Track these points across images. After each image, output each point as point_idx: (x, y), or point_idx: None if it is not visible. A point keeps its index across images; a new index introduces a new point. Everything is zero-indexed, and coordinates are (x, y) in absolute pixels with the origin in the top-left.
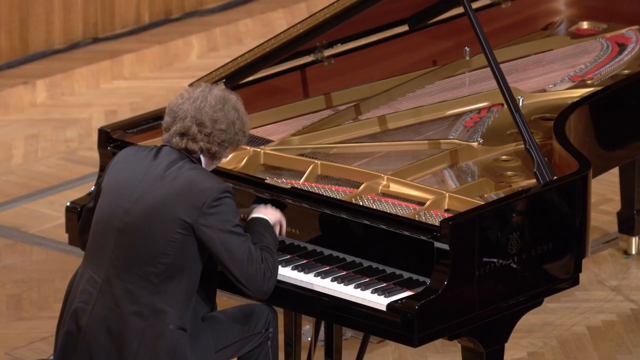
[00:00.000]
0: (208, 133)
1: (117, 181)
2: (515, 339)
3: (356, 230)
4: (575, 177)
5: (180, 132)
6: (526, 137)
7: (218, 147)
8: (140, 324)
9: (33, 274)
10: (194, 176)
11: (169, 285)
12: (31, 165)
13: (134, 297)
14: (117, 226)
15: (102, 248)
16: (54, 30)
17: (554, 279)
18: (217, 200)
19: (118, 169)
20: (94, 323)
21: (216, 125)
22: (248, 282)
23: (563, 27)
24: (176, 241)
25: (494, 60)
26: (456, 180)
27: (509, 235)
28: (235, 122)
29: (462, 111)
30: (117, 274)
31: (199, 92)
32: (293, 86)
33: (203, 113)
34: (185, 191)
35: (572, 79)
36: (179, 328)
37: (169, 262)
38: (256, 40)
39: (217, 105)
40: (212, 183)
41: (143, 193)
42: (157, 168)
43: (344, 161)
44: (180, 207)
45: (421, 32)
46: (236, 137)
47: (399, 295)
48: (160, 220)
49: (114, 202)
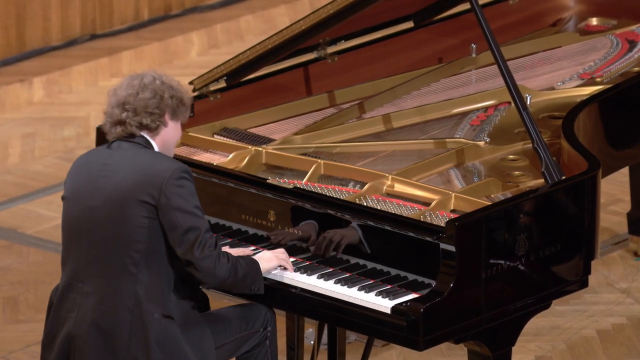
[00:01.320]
0: (132, 108)
1: (76, 185)
2: (523, 343)
3: (360, 232)
4: (584, 177)
5: (112, 124)
6: (534, 136)
7: (150, 116)
8: (126, 316)
9: (30, 275)
10: (150, 159)
11: (148, 273)
12: (28, 164)
13: (116, 291)
14: (86, 226)
15: (77, 251)
16: (51, 26)
17: (562, 281)
18: (177, 179)
19: (74, 175)
20: (83, 326)
21: (137, 96)
22: (201, 265)
23: (572, 23)
24: (145, 226)
25: (501, 57)
26: (462, 180)
27: (517, 237)
28: (159, 87)
29: (468, 109)
30: (97, 272)
31: (120, 83)
32: (296, 84)
33: (120, 94)
34: (143, 174)
35: (581, 76)
36: (165, 316)
37: (143, 249)
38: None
39: (134, 81)
40: (169, 163)
41: (103, 186)
42: (110, 160)
43: (348, 161)
44: (141, 190)
45: (427, 29)
46: (166, 102)
47: (404, 298)
48: (125, 208)
49: (78, 205)
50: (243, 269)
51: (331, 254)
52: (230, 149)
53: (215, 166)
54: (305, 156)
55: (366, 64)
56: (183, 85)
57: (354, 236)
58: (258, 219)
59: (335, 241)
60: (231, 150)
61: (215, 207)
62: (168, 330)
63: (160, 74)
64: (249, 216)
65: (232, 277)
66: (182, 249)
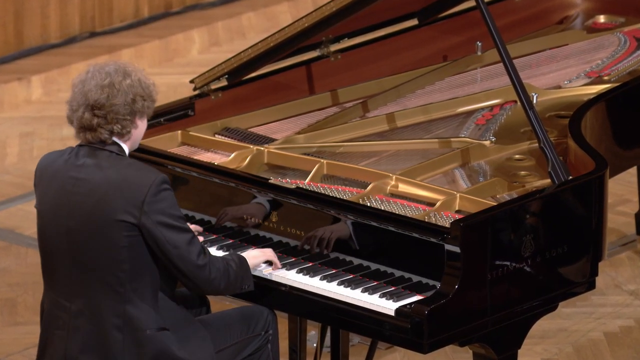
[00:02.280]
0: (103, 115)
1: (48, 200)
2: (529, 345)
3: (363, 232)
4: (591, 177)
5: (79, 126)
6: (540, 135)
7: (121, 122)
8: (118, 336)
9: (28, 277)
10: (125, 173)
11: (136, 290)
12: (26, 164)
13: (106, 312)
14: (65, 247)
15: (59, 271)
16: (50, 24)
17: (569, 282)
18: (156, 195)
19: (44, 186)
20: (75, 347)
21: (108, 101)
22: (194, 275)
23: (579, 21)
24: (127, 245)
25: (507, 55)
26: (467, 180)
27: (523, 238)
28: (128, 90)
29: (473, 108)
30: (83, 293)
31: (86, 74)
32: (298, 83)
33: (90, 96)
34: (120, 192)
35: (588, 75)
36: (159, 329)
37: (127, 268)
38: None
39: (103, 80)
40: (146, 177)
41: (79, 206)
42: (82, 174)
43: (351, 160)
44: (120, 209)
45: (431, 27)
46: (137, 105)
47: (408, 300)
48: (104, 229)
49: (53, 223)
50: (234, 271)
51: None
52: (232, 149)
53: (217, 166)
54: (307, 156)
55: (369, 62)
56: (147, 76)
57: (357, 237)
58: (260, 219)
59: (326, 238)
60: (232, 150)
61: (216, 207)
62: (164, 344)
63: (125, 66)
64: (250, 217)
65: (226, 281)
66: (172, 263)
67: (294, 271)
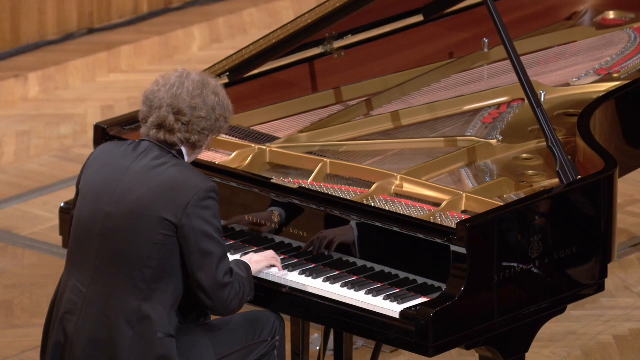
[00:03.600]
0: (186, 122)
1: (95, 183)
2: (537, 349)
3: (367, 233)
4: (600, 176)
5: (157, 123)
6: (548, 134)
7: (198, 135)
8: (128, 332)
9: (25, 279)
10: (178, 174)
11: (157, 290)
12: (23, 163)
13: (121, 305)
14: (98, 231)
15: (84, 255)
16: (47, 20)
17: (578, 285)
18: (203, 200)
19: (95, 169)
20: (81, 333)
21: (195, 112)
22: (214, 292)
23: (588, 17)
24: (161, 243)
25: (514, 52)
26: (474, 179)
27: (530, 239)
28: (216, 107)
29: (480, 107)
30: (103, 281)
31: (176, 78)
32: (301, 80)
33: (180, 100)
34: (168, 190)
35: (598, 72)
36: (167, 335)
37: (155, 266)
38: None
39: (195, 90)
40: (197, 182)
41: (124, 194)
42: (137, 166)
43: (355, 159)
44: (164, 207)
45: (437, 23)
46: (217, 124)
47: (413, 302)
48: (143, 222)
49: (93, 206)
50: (245, 292)
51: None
52: (233, 148)
53: (218, 165)
54: (310, 155)
55: (374, 59)
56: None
57: (361, 238)
58: (262, 220)
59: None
60: (234, 149)
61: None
62: (169, 351)
63: (213, 81)
64: (252, 217)
65: (238, 305)
66: (195, 274)
67: (296, 273)
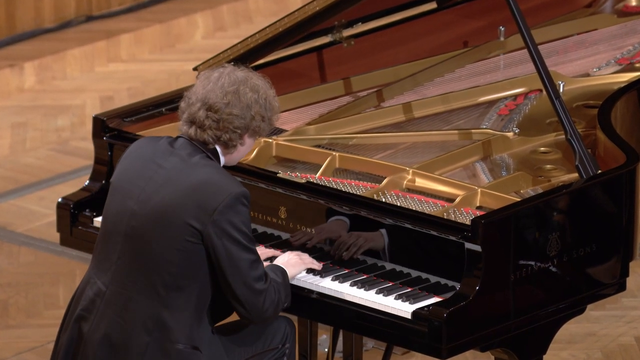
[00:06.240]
0: (217, 119)
1: (126, 179)
2: (555, 351)
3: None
4: (621, 170)
5: (188, 119)
6: (567, 126)
7: (231, 134)
8: (144, 338)
9: (20, 277)
10: (208, 176)
11: (178, 298)
12: (18, 156)
13: (140, 310)
14: (123, 230)
15: (108, 253)
16: (44, 7)
17: (597, 284)
18: (232, 206)
19: (128, 163)
20: (96, 334)
21: (226, 109)
22: (248, 301)
23: (609, 4)
24: (183, 249)
25: (532, 41)
26: (489, 174)
27: (548, 236)
28: (252, 105)
29: (496, 98)
30: (123, 283)
31: (218, 73)
32: (309, 70)
33: (212, 95)
34: (196, 193)
35: (619, 62)
36: (191, 347)
37: (176, 272)
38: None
39: (230, 86)
40: (227, 186)
41: (151, 193)
42: (168, 164)
43: (365, 153)
44: (190, 211)
45: (451, 10)
46: (253, 123)
47: (426, 302)
48: (168, 226)
49: (121, 202)
50: (283, 298)
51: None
52: None
53: None
54: (318, 148)
55: (385, 49)
56: (276, 98)
57: (374, 237)
58: (268, 216)
59: (358, 245)
60: None
61: None
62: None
63: (257, 78)
64: (257, 213)
65: (273, 313)
66: (226, 282)
67: (304, 271)
